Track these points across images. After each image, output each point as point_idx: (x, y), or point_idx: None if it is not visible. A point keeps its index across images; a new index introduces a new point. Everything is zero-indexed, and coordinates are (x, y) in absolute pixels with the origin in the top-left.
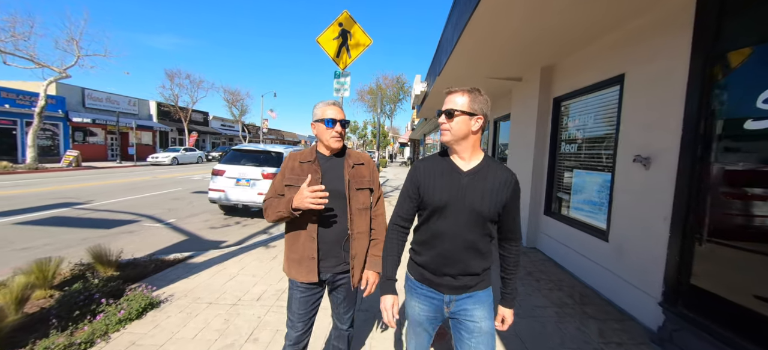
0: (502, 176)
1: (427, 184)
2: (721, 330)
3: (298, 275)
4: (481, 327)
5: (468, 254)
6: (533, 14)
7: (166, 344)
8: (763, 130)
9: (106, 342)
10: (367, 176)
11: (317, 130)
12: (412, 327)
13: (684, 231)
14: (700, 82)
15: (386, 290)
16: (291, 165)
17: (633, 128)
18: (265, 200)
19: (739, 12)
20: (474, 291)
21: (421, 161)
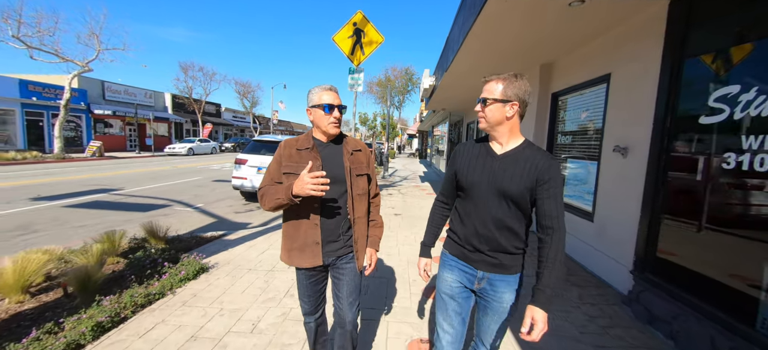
0: (535, 160)
1: (462, 166)
2: (678, 291)
3: (302, 262)
4: (505, 306)
5: (498, 231)
6: (529, 23)
7: (221, 296)
8: (712, 124)
9: (173, 295)
10: (365, 162)
11: (314, 115)
12: (442, 301)
13: (652, 211)
14: (668, 83)
15: (422, 252)
16: (288, 153)
17: (615, 122)
18: (260, 188)
19: (701, 24)
20: (506, 274)
21: (460, 145)
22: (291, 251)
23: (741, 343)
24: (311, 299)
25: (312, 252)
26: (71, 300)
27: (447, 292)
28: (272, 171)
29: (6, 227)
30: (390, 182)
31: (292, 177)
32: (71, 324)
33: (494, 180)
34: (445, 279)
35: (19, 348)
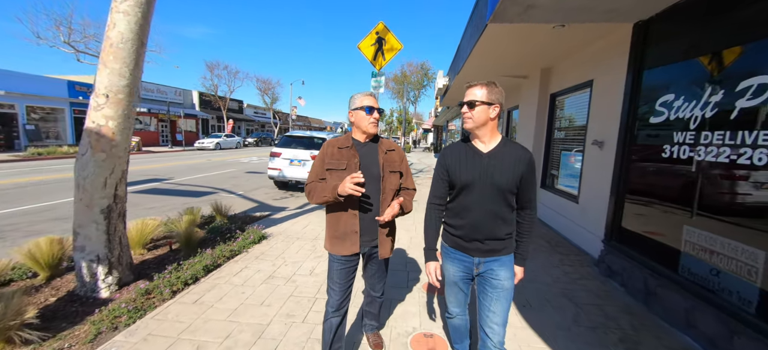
0: (517, 154)
1: (454, 167)
2: (630, 251)
3: (342, 249)
4: (504, 285)
5: (493, 222)
6: (524, 39)
7: (282, 254)
8: (657, 123)
9: (247, 252)
10: (398, 161)
11: (356, 117)
12: (448, 286)
13: (617, 192)
14: (631, 90)
15: (429, 257)
16: (330, 151)
17: (595, 120)
18: (307, 183)
19: (654, 44)
20: (500, 256)
21: (447, 148)
22: (333, 240)
23: (665, 282)
24: (341, 288)
25: (351, 241)
26: (175, 254)
27: (452, 279)
28: (317, 168)
29: None
30: None
31: (334, 173)
32: (188, 265)
33: (487, 176)
34: (448, 269)
35: (164, 275)
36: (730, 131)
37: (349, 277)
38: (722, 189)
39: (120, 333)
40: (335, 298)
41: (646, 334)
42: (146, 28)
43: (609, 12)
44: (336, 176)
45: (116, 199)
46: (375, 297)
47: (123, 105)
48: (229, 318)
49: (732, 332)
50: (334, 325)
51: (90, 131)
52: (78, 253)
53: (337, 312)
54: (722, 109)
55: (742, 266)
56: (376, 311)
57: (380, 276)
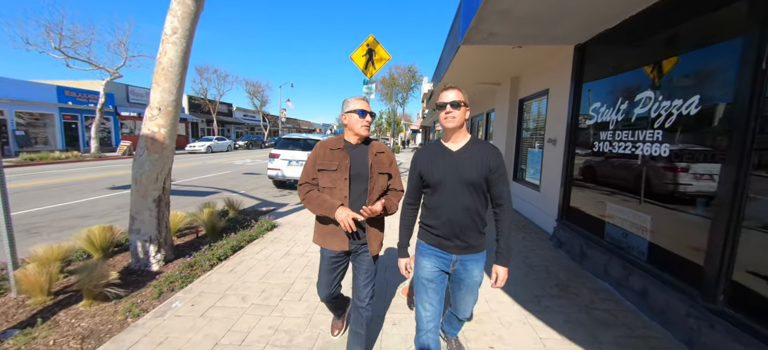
0: (484, 150)
1: (425, 167)
2: (572, 224)
3: (332, 245)
4: (476, 280)
5: (467, 217)
6: (493, 55)
7: (293, 238)
8: (590, 125)
9: (263, 238)
10: (387, 163)
11: (349, 119)
12: (420, 285)
13: (566, 180)
14: (574, 98)
15: (401, 254)
16: (322, 152)
17: (551, 122)
18: (300, 184)
19: (589, 62)
20: (475, 253)
21: (418, 151)
22: (323, 234)
23: (593, 245)
24: (328, 283)
25: (340, 237)
26: (201, 240)
27: (426, 276)
28: (309, 168)
29: (108, 207)
30: None
31: (325, 173)
32: (217, 246)
33: (456, 173)
34: (423, 266)
35: (201, 252)
36: (631, 130)
37: (336, 274)
38: (628, 173)
39: (177, 292)
40: (323, 293)
41: (575, 281)
42: (188, 55)
43: (553, 38)
44: (327, 176)
45: (164, 191)
46: (361, 309)
47: (171, 116)
48: (261, 280)
49: (629, 273)
50: (332, 305)
51: (146, 136)
52: (134, 235)
53: (328, 301)
54: (626, 115)
55: (639, 227)
56: (363, 331)
57: (367, 277)
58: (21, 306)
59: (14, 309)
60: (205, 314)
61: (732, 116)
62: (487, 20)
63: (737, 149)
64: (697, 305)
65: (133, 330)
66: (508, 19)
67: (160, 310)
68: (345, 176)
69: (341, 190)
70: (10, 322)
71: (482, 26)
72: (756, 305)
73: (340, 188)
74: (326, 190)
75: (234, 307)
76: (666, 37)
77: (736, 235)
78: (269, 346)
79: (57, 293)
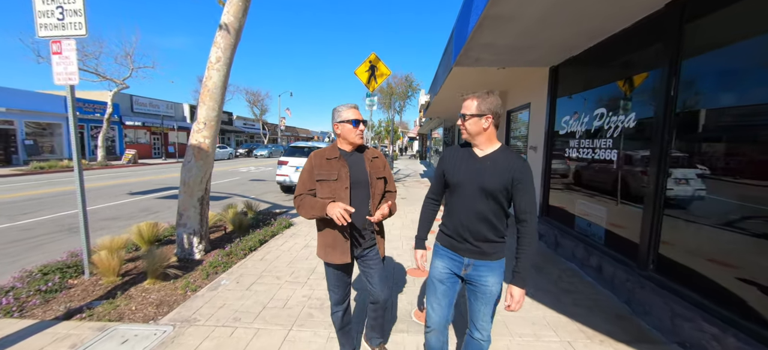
0: (510, 161)
1: (449, 168)
2: (550, 219)
3: (333, 258)
4: (492, 289)
5: (481, 222)
6: (483, 74)
7: (309, 234)
8: (562, 134)
9: (282, 234)
10: (381, 167)
11: (342, 129)
12: (431, 285)
13: (545, 181)
14: (549, 111)
15: (418, 245)
16: (319, 162)
17: (532, 131)
18: (296, 196)
19: (563, 80)
20: (489, 260)
21: (447, 150)
22: (325, 248)
23: (565, 235)
24: (340, 288)
25: (341, 249)
26: (229, 236)
27: (437, 277)
28: (305, 179)
29: (134, 210)
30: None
31: (324, 183)
32: (246, 239)
33: (476, 179)
34: (436, 266)
35: (235, 244)
36: (591, 139)
37: (345, 280)
38: (591, 175)
39: (221, 274)
40: (335, 298)
41: (548, 264)
42: (228, 78)
43: (530, 61)
44: (326, 186)
45: (206, 191)
46: (378, 304)
47: (213, 129)
48: (288, 265)
49: (589, 255)
50: (340, 316)
51: (193, 146)
52: (181, 228)
53: (339, 305)
54: (588, 125)
55: (598, 217)
56: (380, 322)
57: (380, 278)
58: (95, 285)
59: (91, 287)
60: (250, 288)
61: (654, 129)
62: (474, 49)
63: (657, 155)
64: (634, 273)
65: (194, 299)
66: (491, 49)
67: (212, 286)
68: (346, 185)
69: (342, 200)
70: (91, 296)
71: (470, 53)
72: (674, 270)
73: (340, 198)
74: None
75: (271, 283)
76: (613, 66)
77: (660, 221)
78: (306, 308)
79: (123, 275)
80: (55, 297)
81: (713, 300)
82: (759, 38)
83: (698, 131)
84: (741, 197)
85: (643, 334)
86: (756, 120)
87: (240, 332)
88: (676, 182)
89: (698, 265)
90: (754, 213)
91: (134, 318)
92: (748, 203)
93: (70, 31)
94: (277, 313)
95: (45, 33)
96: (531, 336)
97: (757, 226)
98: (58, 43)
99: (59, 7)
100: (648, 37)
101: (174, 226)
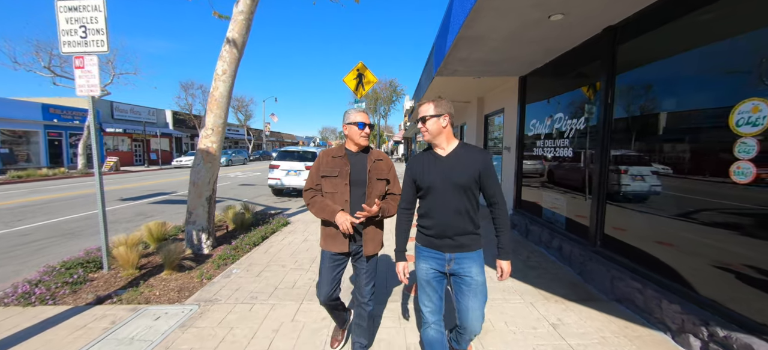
0: (474, 154)
1: (419, 173)
2: (523, 211)
3: (333, 247)
4: (477, 279)
5: (459, 217)
6: (463, 82)
7: (306, 231)
8: (530, 136)
9: (281, 231)
10: (385, 170)
11: (349, 130)
12: (422, 287)
13: (518, 179)
14: (520, 116)
15: (398, 258)
16: (325, 160)
17: (507, 134)
18: (306, 190)
19: (530, 89)
20: (469, 252)
21: (412, 158)
22: (326, 238)
23: (535, 224)
24: (328, 282)
25: (340, 240)
26: (231, 233)
27: (424, 278)
28: (313, 175)
29: (129, 214)
30: None
31: (328, 179)
32: (249, 236)
33: (447, 177)
34: (421, 268)
35: (239, 240)
36: (553, 140)
37: (335, 273)
38: (554, 171)
39: (231, 265)
40: (323, 293)
41: (520, 248)
42: (232, 89)
43: (501, 72)
44: (329, 182)
45: (213, 192)
46: (363, 304)
47: (220, 134)
48: (291, 256)
49: (553, 238)
50: (332, 307)
51: (202, 150)
52: (190, 226)
53: (327, 302)
54: (550, 128)
55: (561, 207)
56: (365, 324)
57: (368, 277)
58: (115, 277)
59: (112, 279)
60: (259, 275)
61: (597, 131)
62: (451, 63)
63: (599, 153)
64: (586, 249)
65: (211, 285)
66: (466, 62)
67: (225, 274)
68: (345, 181)
69: (342, 194)
70: (114, 287)
71: (449, 66)
72: (614, 245)
73: (341, 192)
74: (328, 195)
75: (278, 270)
76: (567, 77)
77: (603, 207)
78: (313, 287)
79: (139, 268)
80: (81, 288)
81: (638, 263)
82: (673, 58)
83: (630, 132)
84: (664, 186)
85: (589, 295)
86: (672, 124)
87: (258, 307)
88: (616, 174)
89: (629, 239)
90: (668, 196)
91: (160, 301)
92: (669, 192)
93: (93, 48)
94: (288, 292)
95: (68, 49)
96: (501, 300)
97: (670, 207)
98: (81, 59)
99: (83, 26)
100: (591, 56)
101: (178, 226)
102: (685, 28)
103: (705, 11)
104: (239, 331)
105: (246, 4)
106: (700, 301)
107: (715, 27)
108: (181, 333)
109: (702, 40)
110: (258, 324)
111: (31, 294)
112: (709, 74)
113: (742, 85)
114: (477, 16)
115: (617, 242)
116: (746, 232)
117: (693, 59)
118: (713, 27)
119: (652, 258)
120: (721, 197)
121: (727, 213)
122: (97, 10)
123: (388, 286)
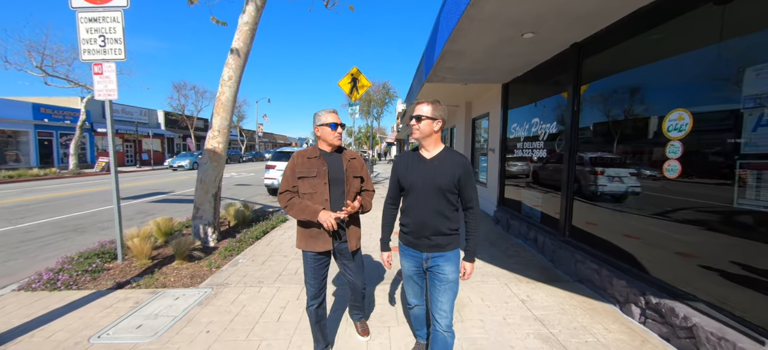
0: (456, 159)
1: (402, 172)
2: (506, 208)
3: (316, 246)
4: (449, 278)
5: (436, 218)
6: (451, 88)
7: None
8: (512, 138)
9: (280, 227)
10: (359, 168)
11: (322, 131)
12: (406, 280)
13: (501, 178)
14: (503, 119)
15: (383, 248)
16: (300, 161)
17: (491, 136)
18: (281, 192)
19: (512, 95)
20: (445, 251)
21: (398, 157)
22: (306, 238)
23: (515, 218)
24: (317, 281)
25: (323, 240)
26: (233, 229)
27: (407, 273)
28: (289, 177)
29: (131, 212)
30: (374, 181)
31: (305, 180)
32: (252, 230)
33: (428, 179)
34: (404, 265)
35: (243, 233)
36: (532, 142)
37: (323, 272)
38: (531, 170)
39: (236, 256)
40: (312, 291)
41: (501, 240)
42: (237, 92)
43: (486, 79)
44: (307, 182)
45: (218, 189)
46: (358, 288)
47: (225, 135)
48: (292, 248)
49: (530, 230)
50: (314, 311)
51: (209, 150)
52: (197, 220)
53: (315, 299)
54: (529, 132)
55: (537, 203)
56: (361, 302)
57: (357, 269)
58: (129, 267)
59: (127, 269)
60: (264, 263)
61: (566, 135)
62: (440, 71)
63: (568, 154)
64: (556, 239)
65: (220, 273)
66: (453, 70)
67: (232, 263)
68: (324, 181)
69: (322, 194)
70: (130, 274)
71: (437, 74)
72: (581, 236)
73: (320, 192)
74: (307, 195)
75: (281, 260)
76: (543, 86)
77: (571, 202)
78: None
79: (151, 258)
80: (99, 275)
81: (597, 248)
82: (626, 72)
83: (596, 136)
84: (619, 184)
85: (556, 277)
86: (626, 129)
87: (265, 289)
88: (582, 174)
89: (591, 228)
90: (623, 192)
91: (176, 286)
92: (623, 188)
93: (111, 56)
94: (291, 277)
95: (88, 57)
96: (479, 282)
97: (625, 201)
98: (100, 66)
99: (102, 36)
100: (562, 68)
101: (183, 222)
102: (634, 48)
103: (655, 32)
104: (251, 308)
105: (251, 16)
106: (641, 277)
107: (652, 51)
108: (200, 309)
109: (647, 58)
110: (267, 302)
111: (56, 280)
112: (650, 87)
113: (673, 98)
114: (459, 34)
115: (582, 231)
116: (676, 219)
117: (640, 75)
118: (653, 49)
119: (609, 244)
120: (659, 191)
121: (662, 204)
122: (115, 22)
123: (380, 272)
